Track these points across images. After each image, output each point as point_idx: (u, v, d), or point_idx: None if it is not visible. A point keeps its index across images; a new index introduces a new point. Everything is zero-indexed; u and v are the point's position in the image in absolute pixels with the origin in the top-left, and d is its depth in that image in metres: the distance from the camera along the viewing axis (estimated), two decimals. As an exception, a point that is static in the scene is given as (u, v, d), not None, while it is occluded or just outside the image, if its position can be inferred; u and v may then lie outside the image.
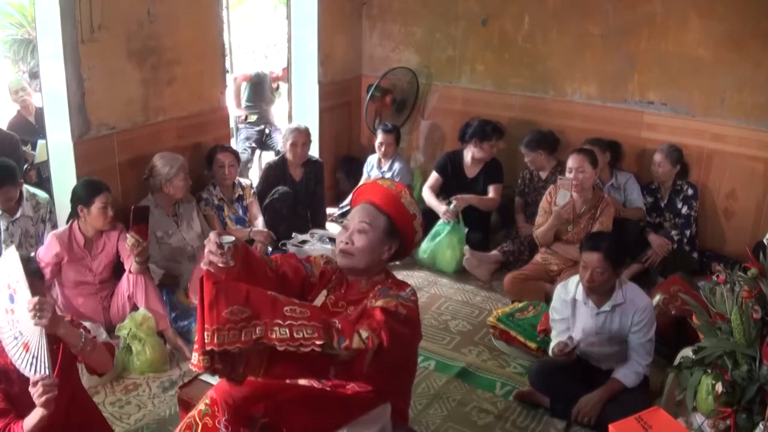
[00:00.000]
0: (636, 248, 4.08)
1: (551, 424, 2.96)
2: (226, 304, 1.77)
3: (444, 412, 3.03)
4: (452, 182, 4.59)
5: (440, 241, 4.35)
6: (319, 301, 2.29)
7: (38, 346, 2.02)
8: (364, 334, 1.89)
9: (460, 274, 4.33)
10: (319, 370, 1.95)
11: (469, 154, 4.55)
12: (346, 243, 2.18)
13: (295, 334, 1.78)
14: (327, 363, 1.90)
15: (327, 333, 1.83)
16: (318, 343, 1.79)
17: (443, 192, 4.62)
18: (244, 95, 5.66)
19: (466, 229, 4.37)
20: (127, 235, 3.26)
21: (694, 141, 4.29)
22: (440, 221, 4.38)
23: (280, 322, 1.79)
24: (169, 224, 3.81)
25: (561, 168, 4.37)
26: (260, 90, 5.65)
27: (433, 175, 4.65)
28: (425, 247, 4.39)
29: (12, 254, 2.08)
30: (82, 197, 3.30)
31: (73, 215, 3.39)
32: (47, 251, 3.31)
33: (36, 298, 2.00)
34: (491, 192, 4.56)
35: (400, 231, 2.22)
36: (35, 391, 1.99)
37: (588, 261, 2.88)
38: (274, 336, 1.78)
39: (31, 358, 2.03)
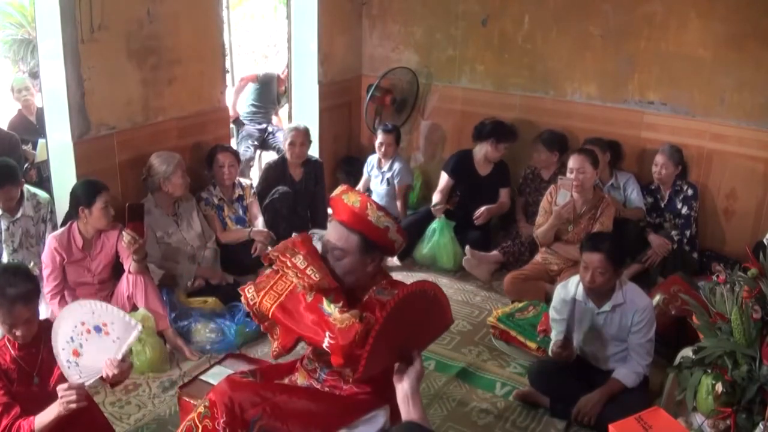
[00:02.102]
0: (636, 248, 4.08)
1: (551, 424, 2.96)
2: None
3: (444, 412, 3.03)
4: (465, 182, 4.57)
5: (437, 241, 4.38)
6: None
7: (90, 365, 2.09)
8: (364, 313, 2.02)
9: (460, 274, 4.34)
10: (314, 331, 2.05)
11: (482, 152, 4.55)
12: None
13: (306, 270, 2.09)
14: (323, 326, 2.01)
15: (332, 292, 2.08)
16: (315, 278, 2.05)
17: (455, 192, 4.62)
18: (250, 96, 5.66)
19: (454, 224, 4.42)
20: (123, 233, 3.26)
21: (694, 141, 4.29)
22: (433, 222, 4.43)
23: (308, 258, 2.12)
24: (168, 224, 3.81)
25: (564, 169, 4.38)
26: (268, 91, 5.65)
27: (444, 178, 4.61)
28: (424, 249, 4.42)
29: (132, 324, 2.12)
30: (82, 198, 3.30)
31: (71, 217, 3.39)
32: (50, 256, 3.30)
33: (76, 386, 2.04)
34: (503, 196, 4.60)
35: (377, 244, 2.21)
36: (66, 395, 2.00)
37: (589, 262, 2.87)
38: (293, 259, 2.12)
39: (75, 364, 2.07)
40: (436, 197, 4.59)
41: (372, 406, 2.17)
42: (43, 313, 3.36)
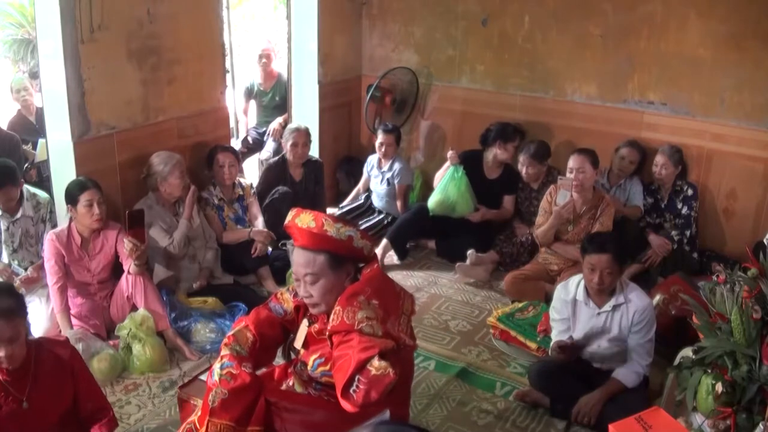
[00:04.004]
0: (636, 248, 4.08)
1: (551, 424, 2.96)
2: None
3: (444, 412, 3.03)
4: (471, 182, 4.55)
5: (454, 188, 4.44)
6: (302, 332, 2.27)
7: None
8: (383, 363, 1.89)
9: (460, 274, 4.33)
10: (344, 367, 1.92)
11: (491, 155, 4.56)
12: (308, 297, 2.15)
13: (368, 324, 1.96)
14: (357, 368, 1.89)
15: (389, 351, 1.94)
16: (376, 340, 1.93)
17: None
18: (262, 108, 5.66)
19: (462, 167, 4.48)
20: (125, 240, 3.26)
21: (694, 141, 4.29)
22: (447, 172, 4.49)
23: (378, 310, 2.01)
24: (170, 222, 3.80)
25: (551, 174, 4.39)
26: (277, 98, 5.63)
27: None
28: (437, 200, 4.47)
29: None
30: (68, 197, 3.31)
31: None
32: (51, 250, 3.31)
33: None
34: (506, 202, 4.59)
35: (345, 257, 2.16)
36: None
37: (596, 263, 2.87)
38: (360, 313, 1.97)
39: None
40: (437, 176, 4.61)
41: (372, 412, 2.14)
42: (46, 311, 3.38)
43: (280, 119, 5.36)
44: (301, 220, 2.12)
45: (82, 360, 2.38)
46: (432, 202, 4.52)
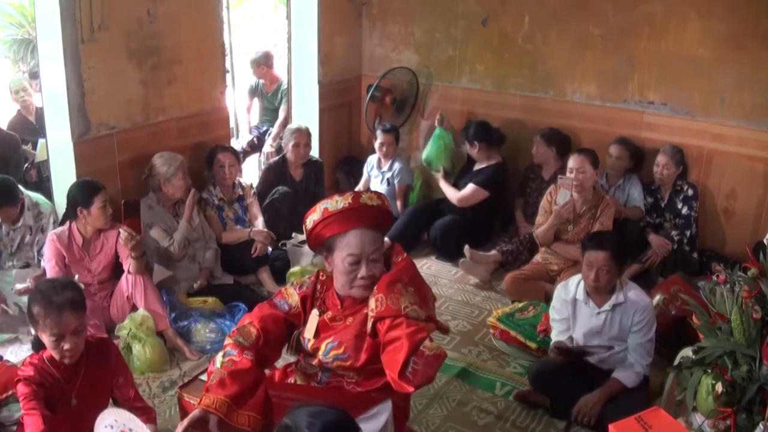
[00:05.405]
0: (636, 248, 4.08)
1: (551, 424, 2.96)
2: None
3: (444, 412, 3.03)
4: (462, 170, 4.70)
5: (438, 145, 4.75)
6: (312, 322, 2.27)
7: None
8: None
9: (460, 274, 4.32)
10: (394, 351, 1.97)
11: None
12: (369, 277, 2.15)
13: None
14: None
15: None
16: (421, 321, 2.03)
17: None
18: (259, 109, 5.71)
19: (452, 135, 4.82)
20: (120, 230, 3.26)
21: (694, 141, 4.29)
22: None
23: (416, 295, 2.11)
24: (170, 223, 3.80)
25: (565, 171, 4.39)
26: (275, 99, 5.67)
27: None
28: (428, 151, 4.78)
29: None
30: (80, 199, 3.31)
31: (69, 217, 3.39)
32: (51, 249, 3.31)
33: None
34: (465, 188, 4.54)
35: (384, 234, 2.28)
36: None
37: (593, 260, 2.87)
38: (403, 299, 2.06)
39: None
40: None
41: (375, 402, 2.16)
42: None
43: (272, 143, 5.35)
44: (367, 200, 2.17)
45: (124, 360, 2.41)
46: (423, 152, 4.85)
